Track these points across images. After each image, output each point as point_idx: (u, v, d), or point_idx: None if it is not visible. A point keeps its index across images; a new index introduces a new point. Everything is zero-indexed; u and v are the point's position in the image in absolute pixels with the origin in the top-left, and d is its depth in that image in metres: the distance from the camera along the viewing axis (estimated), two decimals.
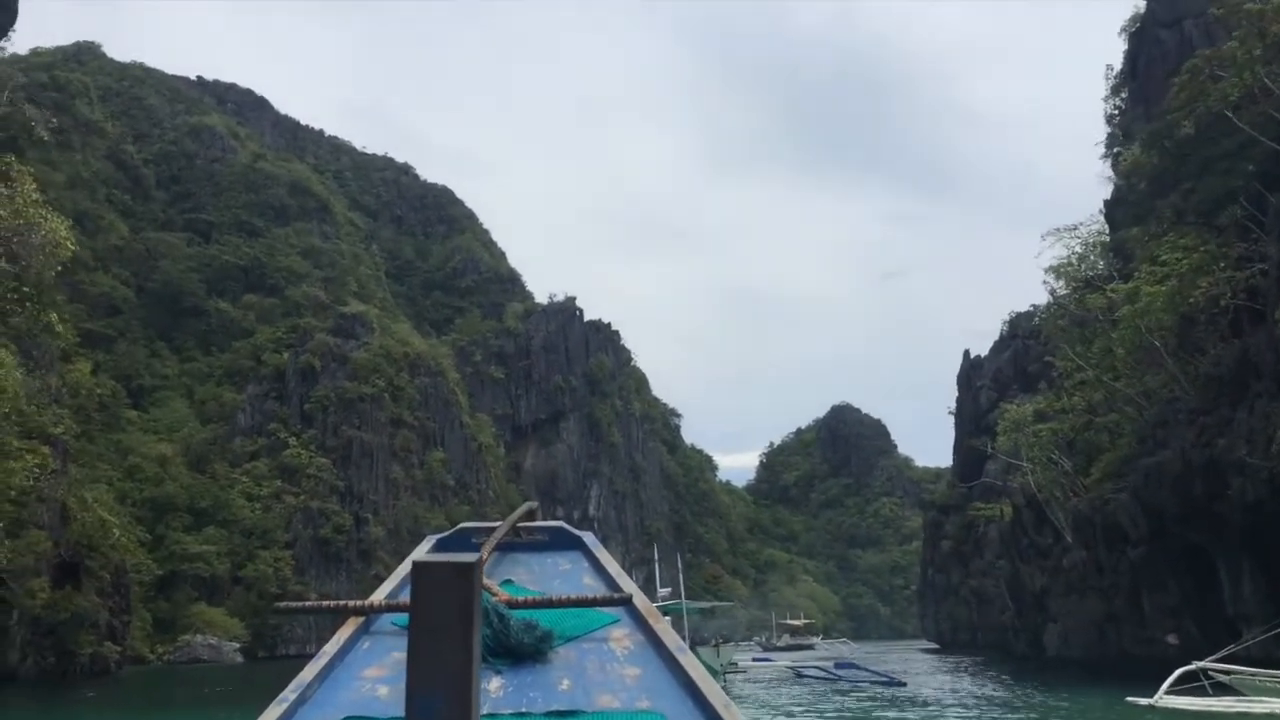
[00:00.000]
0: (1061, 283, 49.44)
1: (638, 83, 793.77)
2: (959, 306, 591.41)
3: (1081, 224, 49.51)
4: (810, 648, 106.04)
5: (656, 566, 56.60)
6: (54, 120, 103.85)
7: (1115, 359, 33.50)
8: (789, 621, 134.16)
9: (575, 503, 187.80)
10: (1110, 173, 52.95)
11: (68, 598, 50.19)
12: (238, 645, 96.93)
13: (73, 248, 41.00)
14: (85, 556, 52.82)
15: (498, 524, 3.59)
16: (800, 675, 42.86)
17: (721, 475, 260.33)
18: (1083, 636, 36.50)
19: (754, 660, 47.37)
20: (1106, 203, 50.18)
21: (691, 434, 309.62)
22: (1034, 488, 42.26)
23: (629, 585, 3.13)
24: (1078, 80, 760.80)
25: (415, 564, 1.57)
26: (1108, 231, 48.65)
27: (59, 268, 40.21)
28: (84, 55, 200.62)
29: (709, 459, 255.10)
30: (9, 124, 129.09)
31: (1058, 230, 49.60)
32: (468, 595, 1.50)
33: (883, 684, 35.24)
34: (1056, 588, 40.97)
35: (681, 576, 40.37)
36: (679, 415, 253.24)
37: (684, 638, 33.94)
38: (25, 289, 37.87)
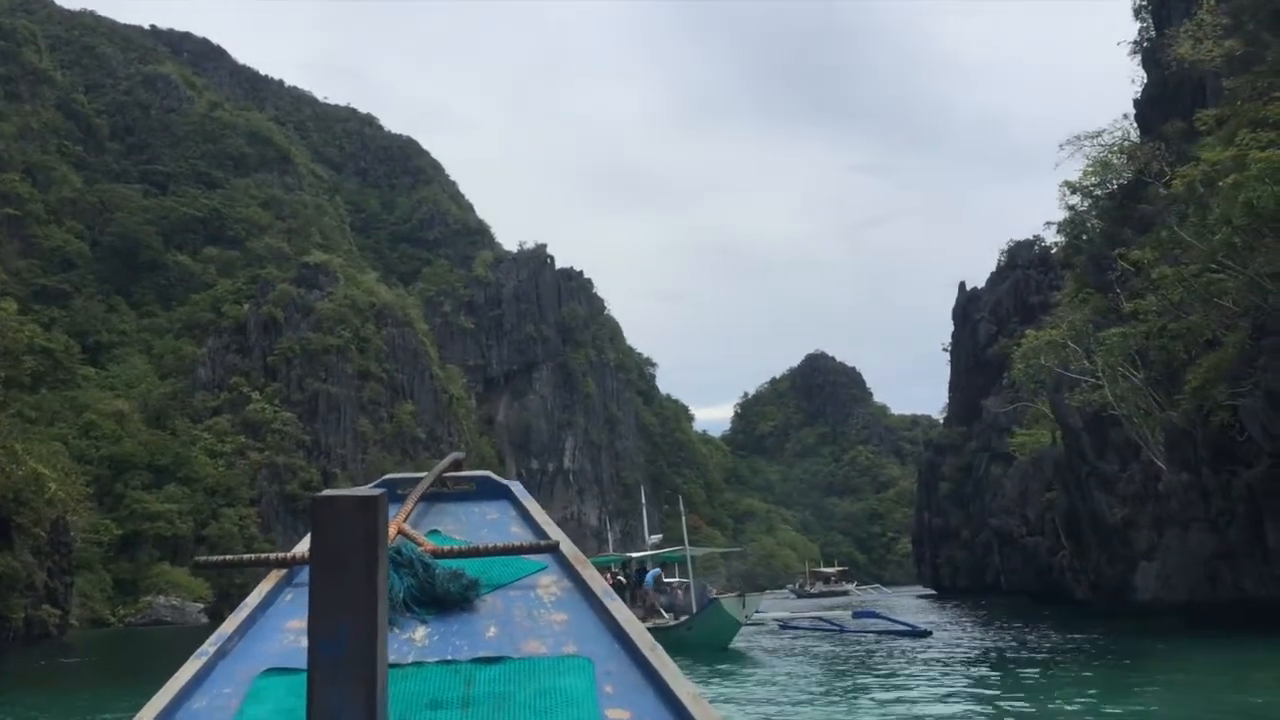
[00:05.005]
0: (1078, 197, 46.45)
1: (605, 36, 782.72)
2: (931, 256, 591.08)
3: (1105, 130, 46.57)
4: (845, 594, 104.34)
5: (645, 513, 54.50)
6: None
7: (1216, 241, 29.06)
8: (823, 569, 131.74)
9: (550, 455, 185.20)
10: (1141, 71, 49.70)
11: None
12: (202, 606, 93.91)
13: None
14: (14, 513, 49.33)
15: (424, 474, 3.50)
16: (786, 628, 39.77)
17: (698, 426, 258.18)
18: (1187, 577, 31.46)
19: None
20: (1137, 102, 47.17)
21: (667, 385, 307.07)
22: (1111, 402, 37.24)
23: (556, 533, 3.06)
24: (1056, 26, 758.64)
25: (314, 498, 1.52)
26: (1137, 133, 45.70)
27: None
28: (32, 4, 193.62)
29: (685, 409, 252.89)
30: None
31: (1077, 139, 46.37)
32: (371, 529, 1.47)
33: (904, 634, 32.27)
34: (1142, 520, 36.02)
35: (685, 522, 37.48)
36: (654, 365, 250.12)
37: (690, 584, 30.53)
38: None
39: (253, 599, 2.58)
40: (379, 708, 1.44)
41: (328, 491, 1.46)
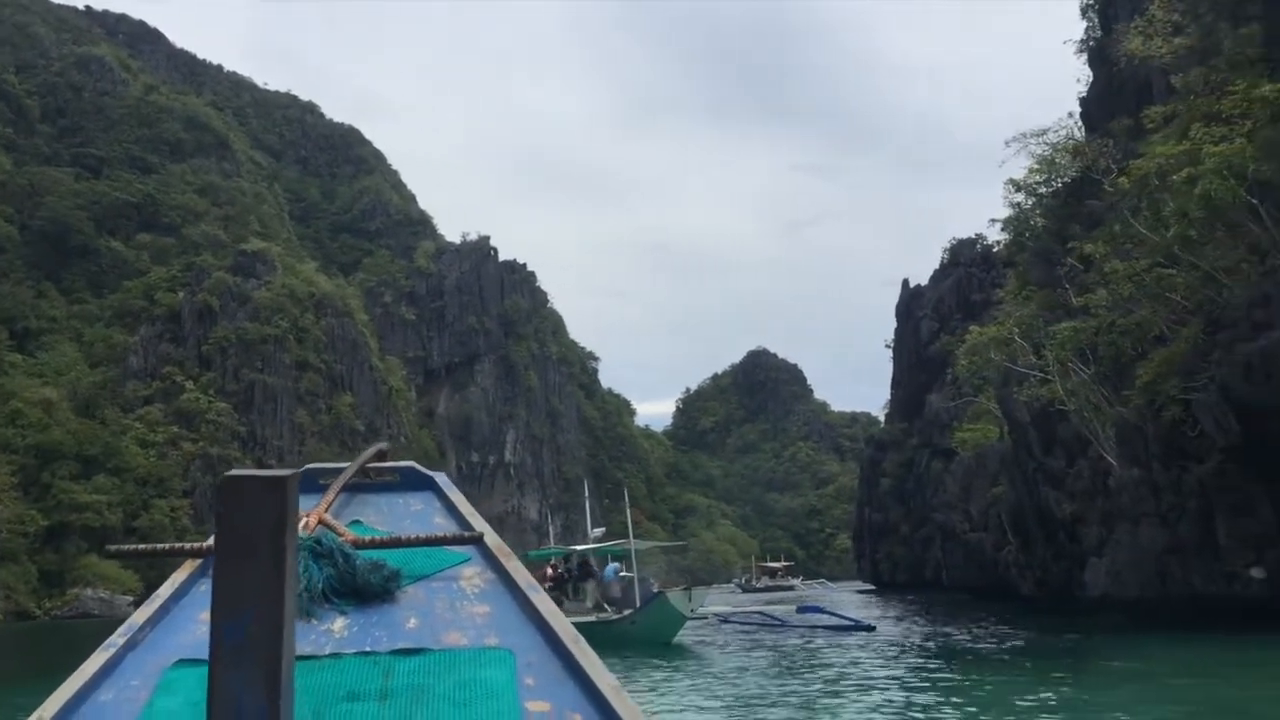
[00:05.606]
0: (1022, 195, 46.82)
1: (552, 32, 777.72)
2: (874, 255, 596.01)
3: (1050, 129, 47.02)
4: (791, 589, 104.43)
5: (587, 507, 54.24)
6: None
7: (1170, 235, 28.91)
8: (769, 564, 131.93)
9: (491, 448, 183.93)
10: (1087, 69, 50.30)
11: None
12: (131, 599, 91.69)
13: None
14: None
15: (346, 465, 3.41)
16: (727, 622, 39.46)
17: (639, 421, 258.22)
18: (1138, 573, 30.88)
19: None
20: (1083, 101, 47.89)
21: (609, 379, 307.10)
22: (1060, 397, 36.89)
23: (480, 524, 3.04)
24: (1004, 27, 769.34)
25: (223, 478, 1.47)
26: (1082, 131, 46.27)
27: None
28: None
29: (627, 403, 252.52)
30: None
31: (1023, 136, 46.70)
32: (280, 511, 1.41)
33: (848, 630, 32.04)
34: (1091, 515, 35.82)
35: (629, 516, 36.80)
36: (597, 359, 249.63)
37: (634, 578, 29.99)
38: None
39: (165, 589, 2.48)
40: (283, 695, 1.37)
41: (236, 471, 1.42)
